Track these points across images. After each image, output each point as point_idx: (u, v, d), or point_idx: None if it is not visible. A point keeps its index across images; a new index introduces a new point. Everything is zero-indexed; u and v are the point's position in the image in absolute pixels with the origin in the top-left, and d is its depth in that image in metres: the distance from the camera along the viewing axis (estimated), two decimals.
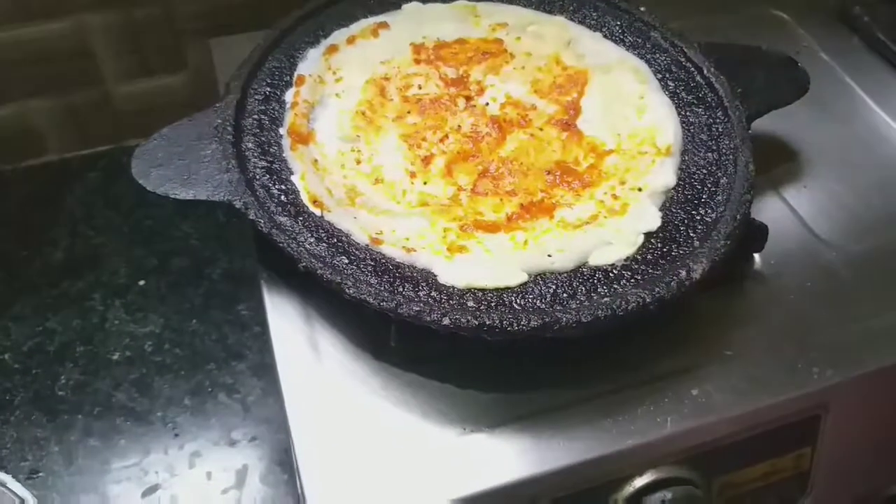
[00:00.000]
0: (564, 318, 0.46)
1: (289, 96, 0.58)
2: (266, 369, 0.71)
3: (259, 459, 0.66)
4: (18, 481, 0.62)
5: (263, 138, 0.55)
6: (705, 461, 0.49)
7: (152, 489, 0.64)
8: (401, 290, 0.47)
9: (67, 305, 0.74)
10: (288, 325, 0.52)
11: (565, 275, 0.49)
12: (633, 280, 0.48)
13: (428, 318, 0.45)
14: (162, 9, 0.79)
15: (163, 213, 0.81)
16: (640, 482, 0.48)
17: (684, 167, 0.55)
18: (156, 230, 0.80)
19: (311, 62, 0.61)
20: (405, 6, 0.66)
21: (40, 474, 0.64)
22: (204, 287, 0.76)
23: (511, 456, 0.46)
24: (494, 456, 0.46)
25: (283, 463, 0.65)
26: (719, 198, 0.53)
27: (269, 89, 0.59)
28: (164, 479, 0.65)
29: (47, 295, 0.75)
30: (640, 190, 0.53)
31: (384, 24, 0.64)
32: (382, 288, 0.47)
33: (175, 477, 0.65)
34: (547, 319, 0.45)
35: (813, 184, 0.62)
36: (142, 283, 0.76)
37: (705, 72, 0.60)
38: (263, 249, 0.52)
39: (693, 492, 0.49)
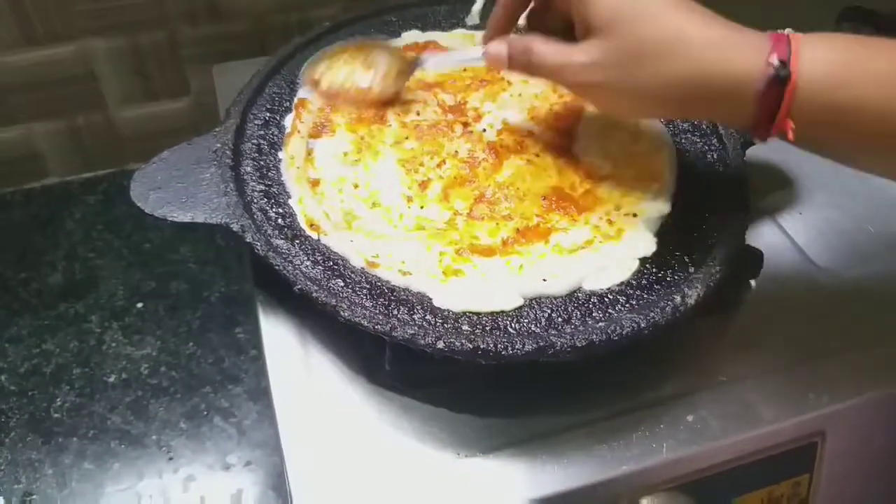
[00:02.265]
0: (559, 343, 0.46)
1: (288, 121, 0.59)
2: (262, 393, 0.71)
3: (253, 484, 0.66)
4: None
5: (262, 162, 0.56)
6: (701, 488, 0.49)
7: None
8: (396, 313, 0.47)
9: (65, 327, 0.74)
10: (283, 347, 0.52)
11: (560, 299, 0.49)
12: (627, 305, 0.48)
13: (422, 342, 0.45)
14: (166, 35, 0.80)
15: (161, 236, 0.82)
16: None
17: (679, 193, 0.55)
18: (154, 253, 0.81)
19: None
20: (404, 34, 0.67)
21: (34, 497, 0.64)
22: (201, 310, 0.76)
23: (506, 481, 0.46)
24: (489, 481, 0.46)
25: (278, 488, 0.65)
26: (714, 223, 0.53)
27: (268, 114, 0.59)
28: (157, 503, 0.64)
29: (45, 317, 0.75)
30: (635, 215, 0.53)
31: None
32: (377, 311, 0.47)
33: (169, 501, 0.64)
34: (542, 343, 0.45)
35: (808, 210, 0.62)
36: (139, 305, 0.77)
37: None
38: (260, 272, 0.53)
39: None
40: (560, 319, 0.48)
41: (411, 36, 0.67)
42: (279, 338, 0.52)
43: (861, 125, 0.42)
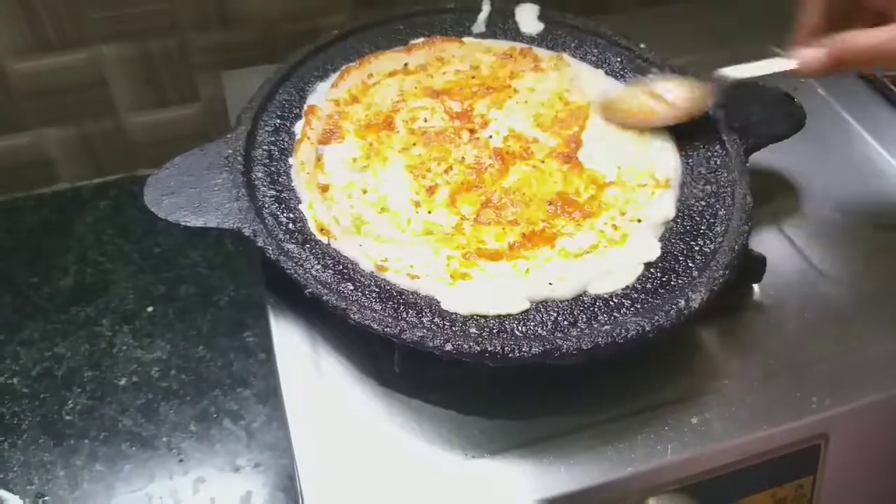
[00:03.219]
0: (565, 346, 0.46)
1: (298, 128, 0.60)
2: (271, 396, 0.71)
3: (263, 486, 0.66)
4: None
5: (273, 168, 0.57)
6: (706, 490, 0.50)
7: None
8: (404, 316, 0.48)
9: (76, 331, 0.75)
10: (293, 350, 0.53)
11: (566, 303, 0.49)
12: (632, 309, 0.49)
13: (431, 344, 0.46)
14: (176, 41, 0.81)
15: (171, 241, 0.82)
16: None
17: (683, 199, 0.56)
18: (164, 258, 0.81)
19: (320, 95, 0.62)
20: (412, 42, 0.68)
21: (46, 498, 0.64)
22: (211, 314, 0.77)
23: (513, 482, 0.47)
24: (496, 482, 0.47)
25: (287, 489, 0.66)
26: (718, 229, 0.54)
27: (279, 121, 0.60)
28: None
29: (56, 320, 0.76)
30: (639, 221, 0.54)
31: None
32: (386, 314, 0.48)
33: (179, 503, 0.65)
34: (548, 346, 0.46)
35: (811, 216, 0.63)
36: (150, 309, 0.77)
37: None
38: (271, 276, 0.54)
39: None
40: (566, 323, 0.48)
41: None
42: (290, 341, 0.53)
43: None
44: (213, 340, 0.75)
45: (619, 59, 0.66)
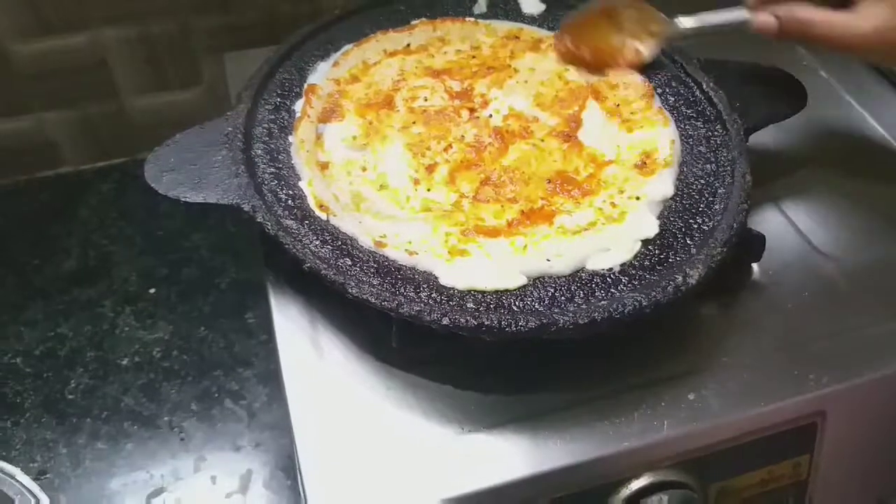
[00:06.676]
0: (562, 321, 0.46)
1: (298, 106, 0.60)
2: (272, 376, 0.72)
3: (263, 465, 0.67)
4: None
5: (272, 145, 0.57)
6: (702, 466, 0.50)
7: (157, 492, 0.65)
8: (402, 290, 0.48)
9: (79, 312, 0.76)
10: (293, 327, 0.53)
11: (563, 279, 0.50)
12: (630, 285, 0.49)
13: (428, 318, 0.46)
14: (178, 24, 0.81)
15: (174, 223, 0.83)
16: (636, 485, 0.49)
17: (682, 178, 0.56)
18: (167, 240, 0.82)
19: (320, 74, 0.62)
20: (414, 22, 0.68)
21: (48, 476, 0.65)
22: (212, 296, 0.78)
23: (509, 456, 0.47)
24: (492, 456, 0.47)
25: (287, 469, 0.66)
26: (716, 207, 0.54)
27: (279, 99, 0.61)
28: (169, 482, 0.65)
29: (59, 301, 0.76)
30: (638, 199, 0.54)
31: None
32: (384, 289, 0.48)
33: (180, 481, 0.65)
34: (544, 321, 0.46)
35: (811, 196, 0.63)
36: (152, 291, 0.78)
37: (705, 87, 0.62)
38: (270, 253, 0.54)
39: (690, 496, 0.49)
40: (563, 298, 0.49)
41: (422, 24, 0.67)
42: (289, 317, 0.53)
43: None
44: (215, 321, 0.76)
45: None
